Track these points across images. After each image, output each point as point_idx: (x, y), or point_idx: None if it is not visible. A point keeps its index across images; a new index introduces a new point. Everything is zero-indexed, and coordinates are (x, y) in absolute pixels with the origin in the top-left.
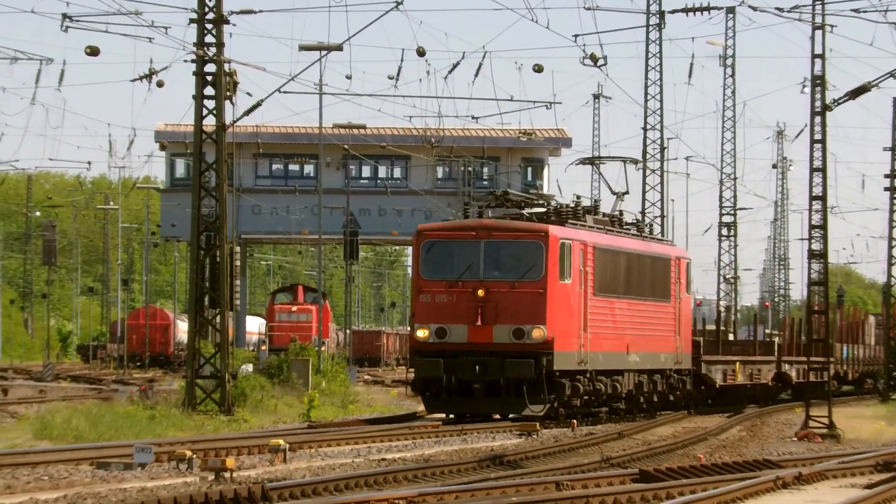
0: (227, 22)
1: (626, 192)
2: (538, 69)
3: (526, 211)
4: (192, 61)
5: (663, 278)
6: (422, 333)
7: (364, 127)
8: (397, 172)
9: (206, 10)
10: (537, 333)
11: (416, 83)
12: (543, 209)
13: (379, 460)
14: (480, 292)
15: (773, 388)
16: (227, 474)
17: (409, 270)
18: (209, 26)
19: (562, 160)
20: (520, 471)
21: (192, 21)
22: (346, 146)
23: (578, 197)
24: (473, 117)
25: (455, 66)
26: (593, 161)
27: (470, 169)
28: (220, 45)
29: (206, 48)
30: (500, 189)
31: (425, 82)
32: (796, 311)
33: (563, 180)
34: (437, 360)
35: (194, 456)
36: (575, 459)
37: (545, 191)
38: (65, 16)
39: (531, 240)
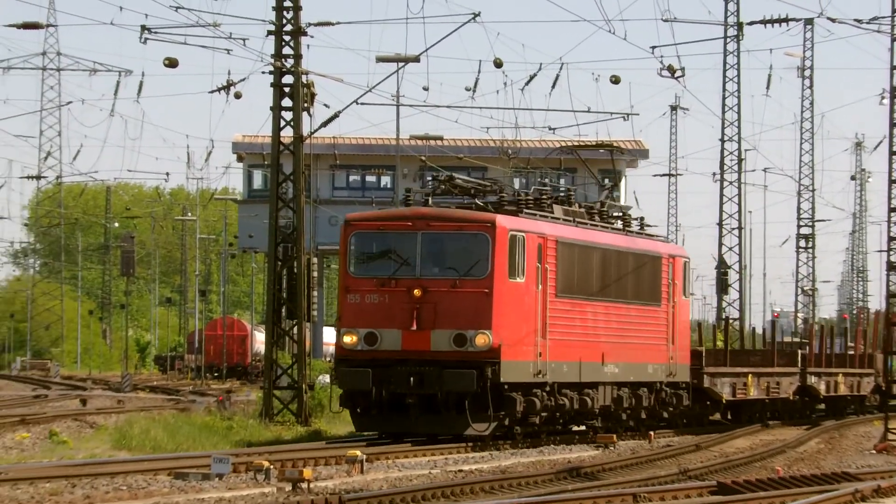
0: (305, 34)
1: (614, 185)
2: (615, 80)
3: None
4: (270, 73)
5: (652, 279)
6: (349, 339)
7: (441, 138)
8: None
9: (285, 21)
10: (481, 340)
11: (493, 94)
12: (496, 197)
13: (456, 472)
14: (417, 292)
15: (798, 403)
16: (304, 485)
17: None
18: (287, 38)
19: (639, 172)
20: (597, 482)
21: (270, 33)
22: (423, 157)
23: (544, 184)
24: (550, 128)
25: (532, 77)
26: (574, 150)
27: (546, 180)
28: (297, 56)
29: (284, 60)
30: (445, 174)
31: (502, 94)
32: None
33: (641, 192)
34: (365, 370)
35: (272, 466)
36: (652, 471)
37: (622, 202)
38: (144, 28)
39: (475, 231)
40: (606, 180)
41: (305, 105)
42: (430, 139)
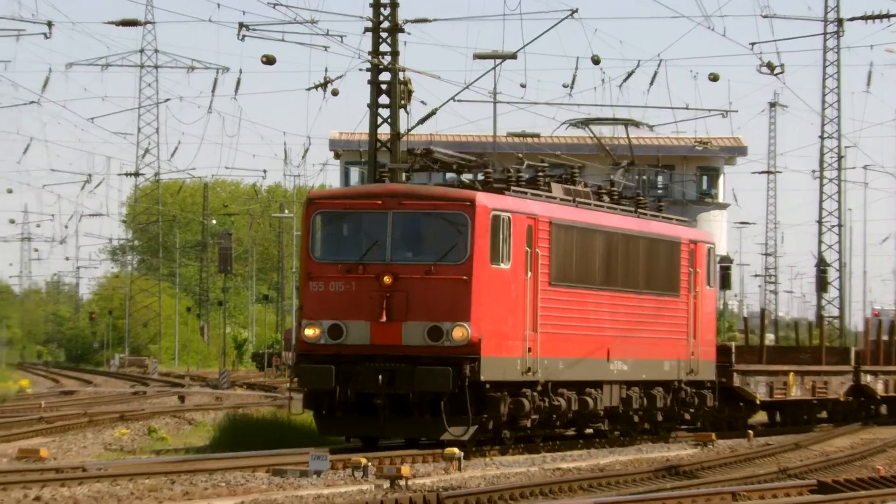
0: (402, 31)
1: (632, 163)
2: (714, 78)
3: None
4: (367, 70)
5: (668, 266)
6: (311, 332)
7: (538, 135)
8: None
9: (382, 18)
10: (459, 333)
11: (590, 91)
12: (483, 174)
13: (554, 469)
14: (387, 279)
15: (853, 405)
16: (402, 482)
17: None
18: (384, 35)
19: (738, 169)
20: (695, 481)
21: (367, 30)
22: (519, 154)
23: (542, 160)
24: (648, 126)
25: (630, 74)
26: (588, 123)
27: (645, 177)
28: (395, 53)
29: (381, 56)
30: (423, 147)
31: (600, 90)
32: None
33: (739, 189)
34: (328, 367)
35: (369, 464)
36: (751, 470)
37: (720, 200)
38: (241, 25)
39: (452, 210)
40: (624, 161)
41: (402, 102)
42: (528, 136)
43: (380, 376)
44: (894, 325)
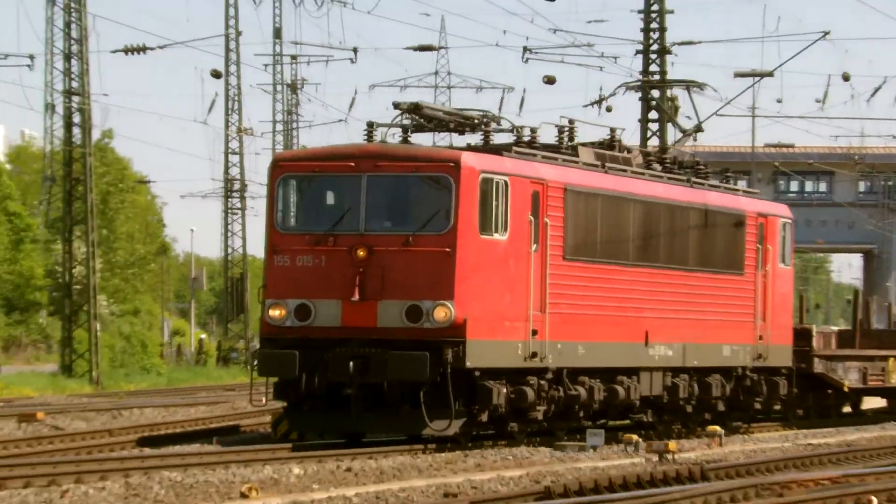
0: (670, 52)
1: (700, 129)
2: None
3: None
4: (638, 88)
5: (729, 241)
6: (275, 313)
7: (792, 146)
8: (822, 187)
9: (651, 41)
10: (441, 313)
11: (841, 105)
12: (491, 133)
13: (805, 445)
14: (361, 253)
15: None
16: (669, 456)
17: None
18: (653, 56)
19: None
20: None
21: (638, 52)
22: (776, 163)
23: (571, 121)
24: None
25: (877, 89)
26: (644, 86)
27: (891, 183)
28: (663, 72)
29: (651, 76)
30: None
31: (849, 105)
32: None
33: None
34: (290, 353)
35: (640, 440)
36: None
37: None
38: (525, 48)
39: (434, 173)
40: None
41: (670, 117)
42: (783, 146)
43: (351, 363)
44: None
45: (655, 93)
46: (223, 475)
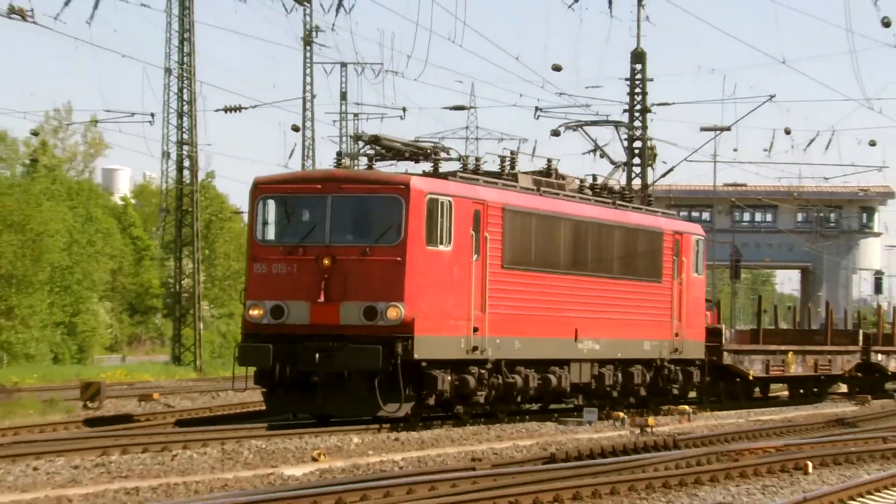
0: (650, 111)
1: (625, 163)
2: (872, 143)
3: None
4: (625, 139)
5: (649, 253)
6: (255, 312)
7: (745, 185)
8: (769, 217)
9: (635, 102)
10: (393, 313)
11: (783, 153)
12: (440, 161)
13: (755, 420)
14: (326, 261)
15: (867, 381)
16: (649, 429)
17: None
18: (637, 114)
19: (890, 208)
20: (856, 430)
21: (625, 110)
22: (733, 199)
23: (512, 152)
24: (824, 178)
25: (812, 140)
26: (577, 127)
27: (822, 214)
28: (644, 127)
29: (635, 130)
30: (370, 135)
31: (790, 153)
32: None
33: (891, 222)
34: (265, 346)
35: (626, 417)
36: None
37: (876, 230)
38: (537, 108)
39: (387, 194)
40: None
41: (649, 162)
42: (738, 186)
43: (317, 355)
44: None
45: (591, 131)
46: (298, 443)
